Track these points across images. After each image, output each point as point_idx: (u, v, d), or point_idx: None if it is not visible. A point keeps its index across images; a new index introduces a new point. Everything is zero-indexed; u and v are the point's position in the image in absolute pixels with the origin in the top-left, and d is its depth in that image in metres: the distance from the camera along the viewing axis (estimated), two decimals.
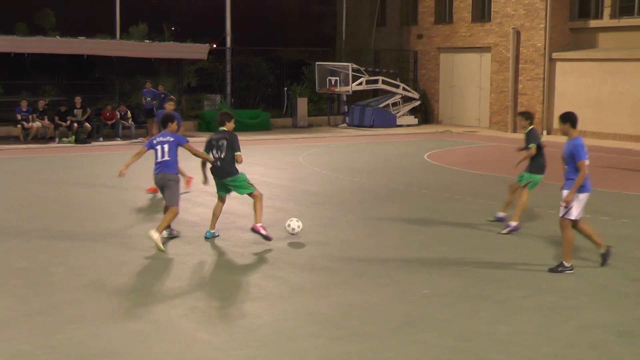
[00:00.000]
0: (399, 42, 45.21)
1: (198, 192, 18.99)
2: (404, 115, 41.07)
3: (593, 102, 35.83)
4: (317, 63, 40.91)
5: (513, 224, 14.88)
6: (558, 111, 36.74)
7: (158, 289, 10.97)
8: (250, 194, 13.79)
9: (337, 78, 39.48)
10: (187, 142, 13.93)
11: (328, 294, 10.72)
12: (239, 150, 13.61)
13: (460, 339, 9.00)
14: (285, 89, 41.77)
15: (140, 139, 31.51)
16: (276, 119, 39.12)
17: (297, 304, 10.30)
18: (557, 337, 9.09)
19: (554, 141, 33.05)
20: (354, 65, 39.83)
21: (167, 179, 13.63)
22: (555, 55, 37.26)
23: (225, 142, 13.61)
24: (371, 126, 39.08)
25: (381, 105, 40.48)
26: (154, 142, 13.79)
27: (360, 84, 39.68)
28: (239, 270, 12.01)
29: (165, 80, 35.86)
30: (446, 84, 42.68)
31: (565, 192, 11.83)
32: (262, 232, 13.57)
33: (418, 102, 42.00)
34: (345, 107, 41.11)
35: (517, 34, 38.22)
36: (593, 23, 37.00)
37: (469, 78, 41.45)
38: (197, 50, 36.36)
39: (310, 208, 17.33)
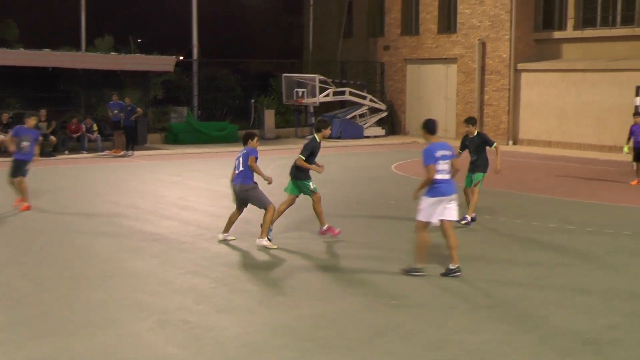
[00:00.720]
0: (366, 53, 45.38)
1: (166, 204, 18.94)
2: (371, 126, 41.22)
3: (558, 112, 36.18)
4: (284, 75, 40.87)
5: (469, 217, 16.52)
6: (524, 122, 37.20)
7: (125, 302, 10.89)
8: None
9: (304, 90, 39.50)
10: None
11: (296, 306, 10.70)
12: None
13: (429, 349, 9.01)
14: (253, 100, 41.72)
15: (106, 152, 31.35)
16: (243, 131, 38.90)
17: (265, 317, 10.26)
18: (524, 346, 9.12)
19: (517, 151, 33.14)
20: (321, 77, 39.91)
21: (244, 190, 14.44)
22: (520, 66, 37.57)
23: None
24: (338, 137, 39.11)
25: (348, 117, 40.58)
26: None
27: (327, 95, 39.75)
28: (206, 283, 11.94)
29: (131, 93, 35.66)
30: (413, 95, 42.87)
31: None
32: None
33: (385, 113, 42.16)
34: (313, 118, 41.06)
35: (483, 45, 38.49)
36: (557, 34, 37.39)
37: (435, 89, 41.66)
38: (164, 63, 36.26)
39: (277, 220, 17.26)
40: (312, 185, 15.03)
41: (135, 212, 18.13)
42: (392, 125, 43.12)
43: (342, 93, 40.57)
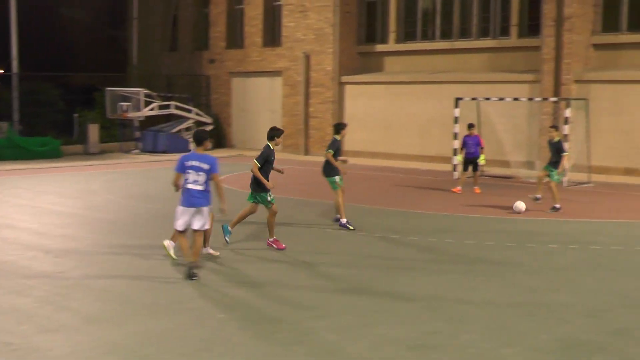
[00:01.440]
0: (191, 67, 45.25)
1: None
2: None
3: (382, 124, 37.08)
4: (107, 89, 40.19)
5: (343, 220, 17.99)
6: (349, 133, 37.75)
7: None
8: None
9: (129, 104, 39.01)
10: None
11: (123, 323, 10.58)
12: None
13: None
14: (76, 115, 40.84)
15: None
16: (67, 146, 38.13)
17: (92, 335, 10.10)
18: (350, 356, 9.34)
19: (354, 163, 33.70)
20: (146, 91, 39.52)
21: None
22: (344, 78, 38.32)
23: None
24: (164, 152, 38.82)
25: (174, 131, 40.31)
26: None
27: (153, 109, 39.40)
28: (29, 302, 11.65)
29: None
30: (238, 108, 43.05)
31: None
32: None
33: (211, 127, 42.10)
34: (138, 133, 40.67)
35: (307, 58, 39.06)
36: (380, 47, 38.37)
37: (261, 102, 41.98)
38: None
39: (105, 236, 17.05)
40: (270, 197, 15.39)
41: None
42: (218, 138, 43.11)
43: (168, 107, 40.29)
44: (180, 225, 13.02)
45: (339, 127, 18.39)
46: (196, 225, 12.96)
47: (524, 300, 11.83)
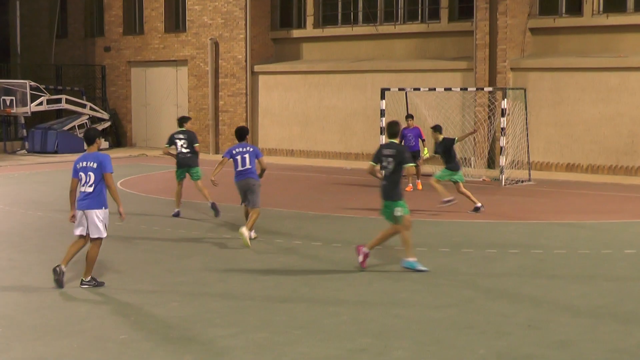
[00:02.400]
0: (84, 55, 44.74)
1: None
2: None
3: (300, 119, 37.08)
4: None
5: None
6: (263, 129, 37.87)
7: None
8: None
9: (13, 98, 38.37)
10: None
11: (10, 348, 10.40)
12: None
13: None
14: None
15: None
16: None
17: None
18: None
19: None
20: (32, 83, 38.94)
21: (253, 184, 17.06)
22: (257, 67, 38.25)
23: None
24: (55, 152, 38.34)
25: (66, 128, 39.84)
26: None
27: (41, 104, 38.88)
28: None
29: None
30: (139, 102, 42.72)
31: None
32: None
33: (108, 123, 41.71)
34: (24, 131, 40.01)
35: (216, 45, 38.93)
36: (296, 33, 38.37)
37: (164, 95, 41.68)
38: None
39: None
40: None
41: None
42: (117, 136, 42.78)
43: (58, 101, 39.78)
44: (77, 230, 13.22)
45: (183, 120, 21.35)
46: (92, 232, 13.04)
47: (459, 311, 11.95)
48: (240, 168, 17.06)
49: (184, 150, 20.67)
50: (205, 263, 15.28)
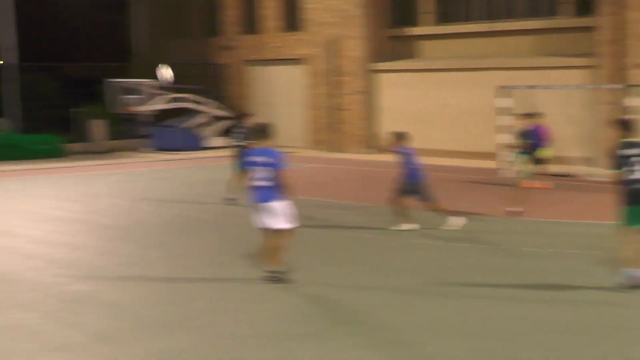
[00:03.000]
0: (202, 54, 45.08)
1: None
2: (213, 136, 40.76)
3: (417, 117, 36.71)
4: (108, 80, 40.15)
5: None
6: (383, 127, 37.62)
7: None
8: None
9: (136, 96, 39.00)
10: None
11: (136, 341, 10.48)
12: None
13: None
14: (74, 109, 40.64)
15: None
16: (72, 144, 38.09)
17: (102, 354, 10.07)
18: None
19: (376, 160, 33.47)
20: (155, 82, 39.47)
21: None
22: (375, 66, 38.07)
23: None
24: (177, 149, 38.73)
25: (187, 126, 40.23)
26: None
27: (163, 102, 39.38)
28: (34, 317, 11.63)
29: None
30: (258, 100, 42.89)
31: None
32: None
33: (228, 122, 41.96)
34: (146, 128, 40.53)
35: (334, 43, 38.80)
36: (413, 30, 38.05)
37: (283, 93, 41.79)
38: None
39: (110, 244, 17.09)
40: None
41: None
42: None
43: (180, 100, 40.27)
44: (258, 224, 13.32)
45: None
46: (272, 224, 13.15)
47: None
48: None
49: None
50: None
